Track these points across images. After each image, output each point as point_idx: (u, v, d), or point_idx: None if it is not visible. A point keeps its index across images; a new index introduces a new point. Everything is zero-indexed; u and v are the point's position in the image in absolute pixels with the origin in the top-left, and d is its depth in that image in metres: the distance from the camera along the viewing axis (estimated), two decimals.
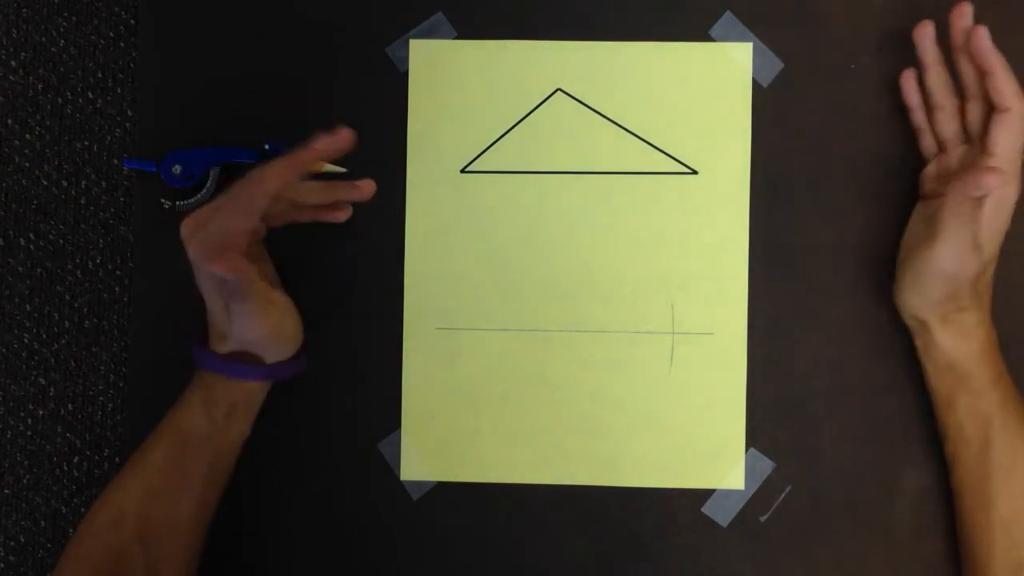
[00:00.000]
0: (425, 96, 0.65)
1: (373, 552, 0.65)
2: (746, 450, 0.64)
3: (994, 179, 0.53)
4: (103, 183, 0.69)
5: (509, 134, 0.65)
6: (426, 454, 0.65)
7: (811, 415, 0.64)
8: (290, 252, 0.63)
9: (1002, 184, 0.54)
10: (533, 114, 0.65)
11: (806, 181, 0.65)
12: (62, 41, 0.69)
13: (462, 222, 0.65)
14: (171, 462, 0.58)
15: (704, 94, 0.65)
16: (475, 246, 0.65)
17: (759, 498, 0.64)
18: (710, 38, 0.65)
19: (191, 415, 0.58)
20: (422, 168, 0.65)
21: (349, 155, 0.64)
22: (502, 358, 0.65)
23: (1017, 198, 0.57)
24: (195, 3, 0.66)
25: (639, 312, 0.65)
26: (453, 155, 0.65)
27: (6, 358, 0.69)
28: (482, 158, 0.65)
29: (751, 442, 0.64)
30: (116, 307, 0.69)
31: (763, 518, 0.64)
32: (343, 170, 0.63)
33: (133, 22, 0.69)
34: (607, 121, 0.65)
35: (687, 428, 0.64)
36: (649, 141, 0.65)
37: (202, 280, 0.56)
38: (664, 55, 0.65)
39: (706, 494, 0.64)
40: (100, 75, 0.69)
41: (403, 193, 0.65)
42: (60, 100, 0.69)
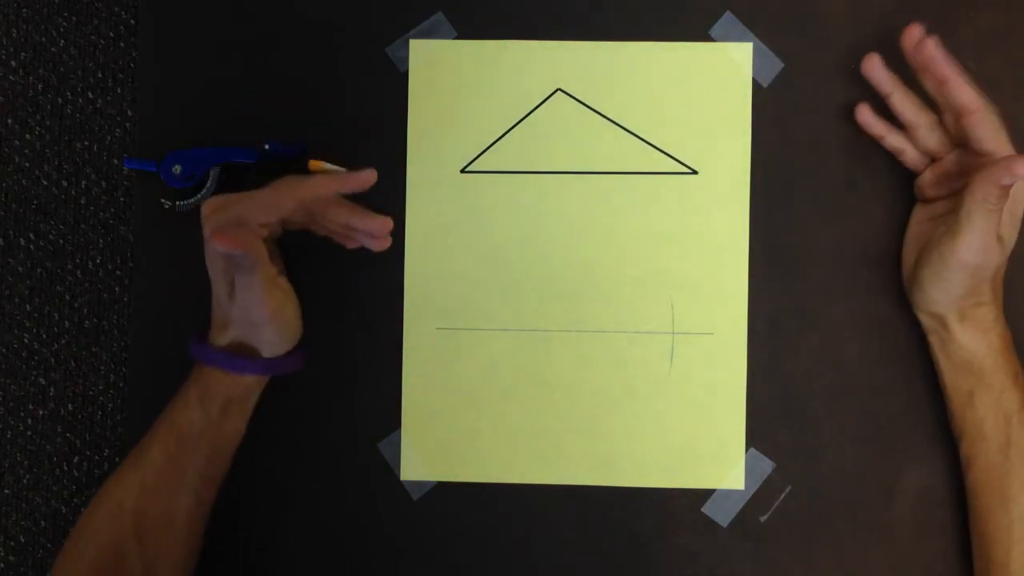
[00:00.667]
0: (425, 96, 0.65)
1: (373, 552, 0.65)
2: (746, 450, 0.64)
3: (1021, 164, 0.53)
4: (103, 183, 0.69)
5: (509, 134, 0.65)
6: (426, 454, 0.65)
7: (811, 415, 0.64)
8: (290, 252, 0.63)
9: None
10: (533, 114, 0.65)
11: (806, 181, 0.65)
12: (62, 41, 0.69)
13: (462, 222, 0.65)
14: (167, 458, 0.58)
15: (704, 94, 0.65)
16: (475, 246, 0.65)
17: (759, 498, 0.64)
18: (710, 38, 0.65)
19: (187, 410, 0.59)
20: (422, 168, 0.65)
21: (349, 155, 0.65)
22: (502, 358, 0.65)
23: None
24: (195, 3, 0.67)
25: (639, 312, 0.65)
26: (453, 155, 0.65)
27: (6, 358, 0.69)
28: (482, 158, 0.65)
29: (751, 442, 0.64)
30: (116, 307, 0.69)
31: (763, 518, 0.64)
32: (343, 169, 0.64)
33: (133, 22, 0.69)
34: (607, 121, 0.65)
35: (687, 428, 0.64)
36: (649, 141, 0.65)
37: (211, 259, 0.57)
38: (664, 55, 0.65)
39: (706, 494, 0.64)
40: (100, 75, 0.69)
41: (403, 193, 0.65)
42: (60, 100, 0.69)
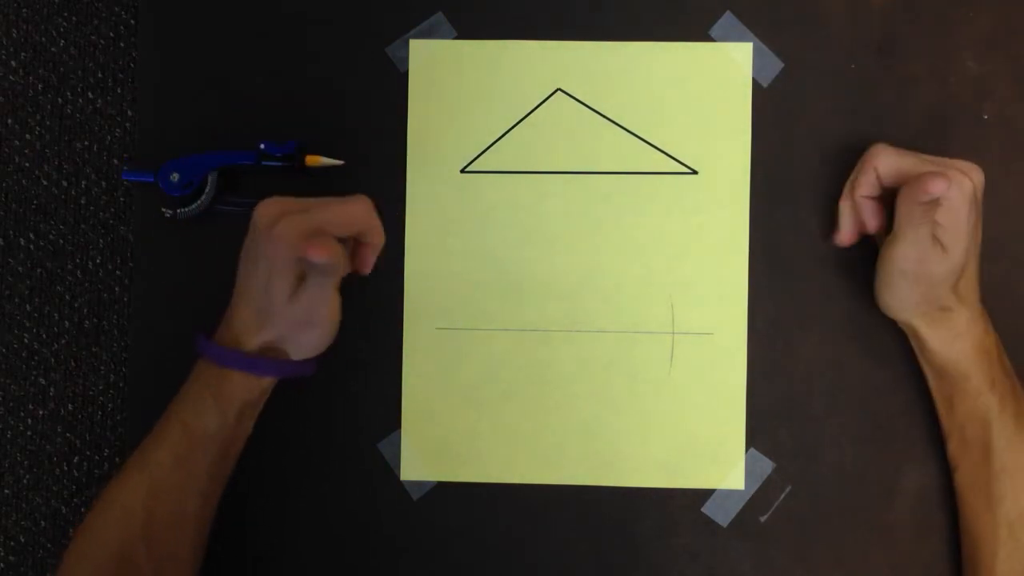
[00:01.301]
0: (425, 96, 0.65)
1: (373, 552, 0.65)
2: (746, 450, 0.64)
3: (938, 184, 0.54)
4: (103, 183, 0.69)
5: (509, 134, 0.65)
6: (426, 454, 0.65)
7: (811, 415, 0.64)
8: None
9: (947, 188, 0.55)
10: (533, 114, 0.65)
11: (806, 181, 0.65)
12: (62, 41, 0.69)
13: (462, 222, 0.65)
14: (177, 460, 0.58)
15: (704, 94, 0.65)
16: (475, 246, 0.65)
17: (759, 498, 0.64)
18: (710, 38, 0.65)
19: (200, 413, 0.58)
20: (422, 168, 0.65)
21: (349, 155, 0.65)
22: (502, 358, 0.65)
23: (972, 196, 0.57)
24: (195, 3, 0.67)
25: (639, 312, 0.65)
26: (453, 155, 0.65)
27: (6, 358, 0.69)
28: (482, 158, 0.65)
29: (751, 442, 0.64)
30: (116, 307, 0.69)
31: (763, 518, 0.64)
32: (340, 162, 0.64)
33: (133, 22, 0.69)
34: (607, 121, 0.65)
35: (687, 428, 0.64)
36: (649, 141, 0.65)
37: (275, 261, 0.56)
38: (664, 55, 0.65)
39: (706, 494, 0.64)
40: (100, 75, 0.69)
41: (403, 193, 0.65)
42: (60, 100, 0.69)
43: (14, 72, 0.69)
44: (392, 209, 0.65)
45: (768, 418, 0.64)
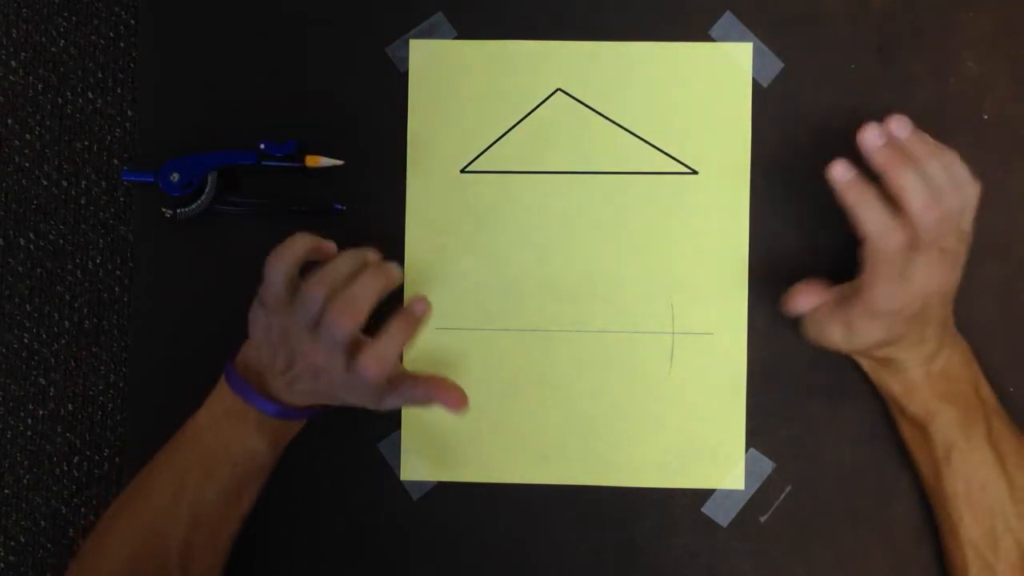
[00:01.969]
0: (425, 96, 0.65)
1: (373, 552, 0.65)
2: (746, 450, 0.64)
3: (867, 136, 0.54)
4: (103, 183, 0.69)
5: (509, 134, 0.65)
6: (426, 454, 0.65)
7: (811, 415, 0.64)
8: None
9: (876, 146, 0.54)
10: (533, 114, 0.65)
11: (806, 181, 0.65)
12: (62, 41, 0.69)
13: (462, 222, 0.65)
14: (226, 498, 0.58)
15: (704, 94, 0.65)
16: (475, 246, 0.65)
17: (759, 498, 0.64)
18: (710, 38, 0.65)
19: (254, 455, 0.59)
20: (422, 168, 0.65)
21: (349, 154, 0.65)
22: (502, 358, 0.65)
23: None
24: (195, 3, 0.67)
25: (639, 312, 0.65)
26: (453, 155, 0.65)
27: (6, 358, 0.69)
28: (482, 158, 0.65)
29: (751, 442, 0.64)
30: (116, 307, 0.69)
31: (763, 518, 0.64)
32: (340, 162, 0.64)
33: (133, 22, 0.69)
34: (607, 121, 0.65)
35: (687, 428, 0.64)
36: (649, 141, 0.65)
37: (360, 392, 0.58)
38: (664, 55, 0.65)
39: (706, 494, 0.64)
40: (100, 75, 0.69)
41: (403, 193, 0.65)
42: (60, 100, 0.69)
43: (14, 72, 0.69)
44: (392, 209, 0.65)
45: (768, 418, 0.64)
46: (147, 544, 0.57)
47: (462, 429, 0.65)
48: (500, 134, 0.65)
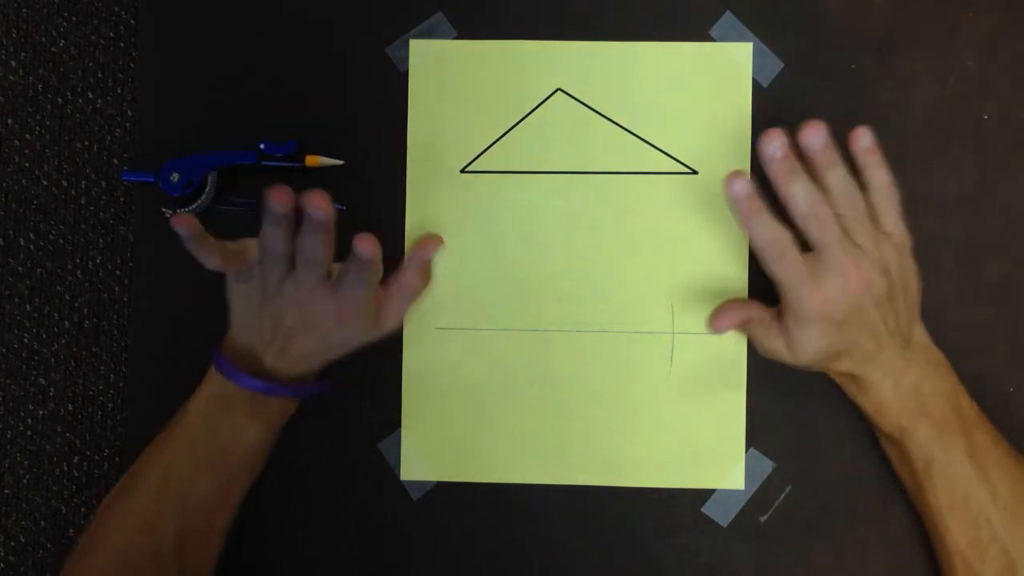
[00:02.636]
0: (425, 96, 0.65)
1: (373, 552, 0.65)
2: (746, 450, 0.64)
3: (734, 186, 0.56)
4: (103, 183, 0.69)
5: (509, 134, 0.65)
6: (426, 454, 0.65)
7: (811, 415, 0.64)
8: None
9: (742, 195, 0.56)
10: (533, 114, 0.65)
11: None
12: (62, 41, 0.69)
13: (462, 222, 0.65)
14: (218, 486, 0.59)
15: (704, 94, 0.65)
16: (475, 246, 0.65)
17: (759, 498, 0.64)
18: (710, 38, 0.65)
19: (243, 440, 0.59)
20: (422, 168, 0.65)
21: (349, 154, 0.65)
22: (502, 358, 0.65)
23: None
24: (195, 3, 0.67)
25: (639, 312, 0.65)
26: (453, 155, 0.65)
27: (6, 358, 0.69)
28: (482, 158, 0.65)
29: (751, 442, 0.64)
30: (116, 307, 0.69)
31: (763, 518, 0.64)
32: (340, 162, 0.64)
33: (133, 22, 0.69)
34: (607, 121, 0.65)
35: (687, 428, 0.64)
36: (649, 141, 0.65)
37: (402, 291, 0.62)
38: (664, 55, 0.65)
39: (706, 494, 0.64)
40: (100, 75, 0.69)
41: (403, 193, 0.65)
42: (60, 100, 0.69)
43: (14, 72, 0.69)
44: (392, 209, 0.65)
45: (768, 418, 0.64)
46: (140, 536, 0.57)
47: (462, 429, 0.65)
48: (500, 134, 0.65)
